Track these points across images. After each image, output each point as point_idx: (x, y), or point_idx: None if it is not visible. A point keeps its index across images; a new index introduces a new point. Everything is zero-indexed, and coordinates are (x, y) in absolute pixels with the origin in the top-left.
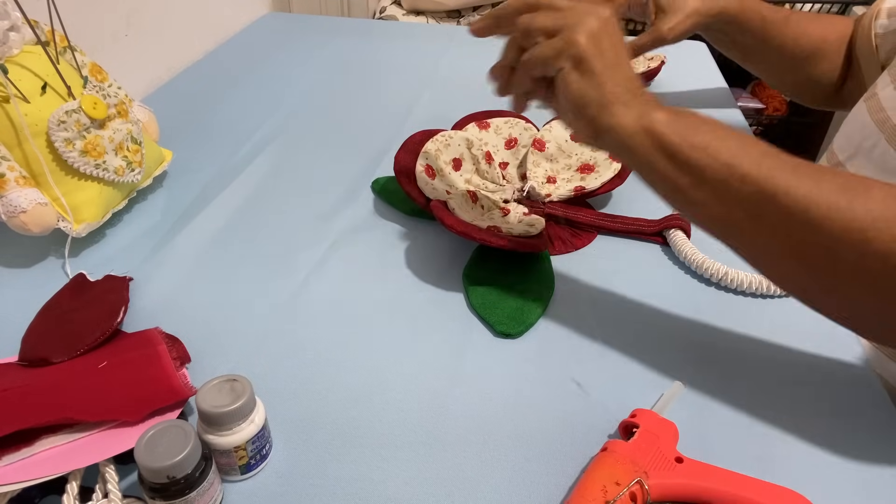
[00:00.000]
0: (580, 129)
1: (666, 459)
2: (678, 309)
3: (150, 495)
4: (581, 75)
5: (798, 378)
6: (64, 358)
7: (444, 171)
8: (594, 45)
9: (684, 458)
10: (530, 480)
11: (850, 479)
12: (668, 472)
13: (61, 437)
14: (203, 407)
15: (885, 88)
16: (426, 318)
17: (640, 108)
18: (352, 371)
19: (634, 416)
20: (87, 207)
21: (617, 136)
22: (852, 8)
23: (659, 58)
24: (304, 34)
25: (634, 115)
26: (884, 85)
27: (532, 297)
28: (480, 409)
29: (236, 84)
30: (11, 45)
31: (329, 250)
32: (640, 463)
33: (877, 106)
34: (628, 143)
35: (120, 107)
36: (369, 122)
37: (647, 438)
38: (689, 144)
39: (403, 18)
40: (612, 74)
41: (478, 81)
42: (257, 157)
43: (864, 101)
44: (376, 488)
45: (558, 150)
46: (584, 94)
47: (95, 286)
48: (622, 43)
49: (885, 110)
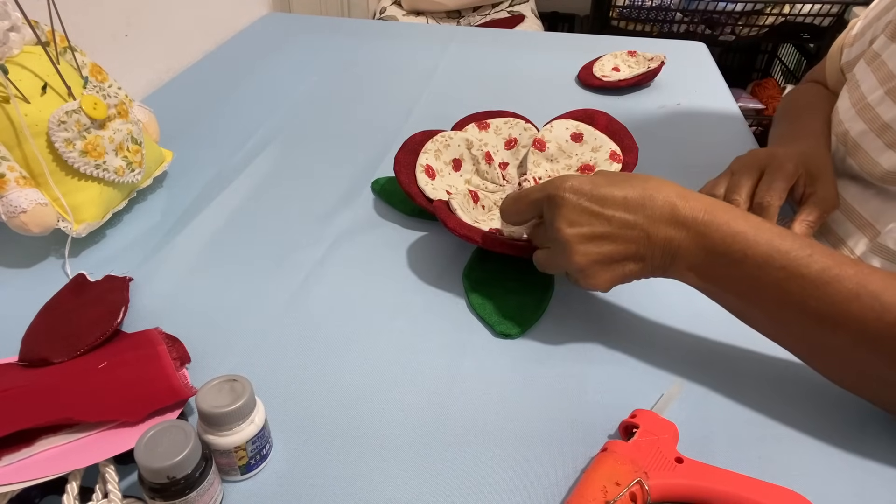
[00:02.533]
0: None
1: (666, 460)
2: (678, 309)
3: (150, 495)
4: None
5: (798, 378)
6: (64, 358)
7: (444, 171)
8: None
9: (684, 459)
10: (530, 480)
11: (850, 480)
12: (668, 473)
13: (61, 437)
14: (203, 407)
15: (842, 100)
16: (426, 319)
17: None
18: (352, 371)
19: (634, 417)
20: (88, 208)
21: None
22: (852, 8)
23: (659, 58)
24: (304, 34)
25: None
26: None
27: (532, 298)
28: (480, 409)
29: (236, 84)
30: (12, 46)
31: (329, 250)
32: (640, 463)
33: (835, 119)
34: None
35: (120, 107)
36: (369, 122)
37: (647, 439)
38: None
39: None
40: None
41: (478, 81)
42: (257, 157)
43: (847, 91)
44: (376, 488)
45: (559, 151)
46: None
47: (95, 286)
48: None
49: (842, 123)
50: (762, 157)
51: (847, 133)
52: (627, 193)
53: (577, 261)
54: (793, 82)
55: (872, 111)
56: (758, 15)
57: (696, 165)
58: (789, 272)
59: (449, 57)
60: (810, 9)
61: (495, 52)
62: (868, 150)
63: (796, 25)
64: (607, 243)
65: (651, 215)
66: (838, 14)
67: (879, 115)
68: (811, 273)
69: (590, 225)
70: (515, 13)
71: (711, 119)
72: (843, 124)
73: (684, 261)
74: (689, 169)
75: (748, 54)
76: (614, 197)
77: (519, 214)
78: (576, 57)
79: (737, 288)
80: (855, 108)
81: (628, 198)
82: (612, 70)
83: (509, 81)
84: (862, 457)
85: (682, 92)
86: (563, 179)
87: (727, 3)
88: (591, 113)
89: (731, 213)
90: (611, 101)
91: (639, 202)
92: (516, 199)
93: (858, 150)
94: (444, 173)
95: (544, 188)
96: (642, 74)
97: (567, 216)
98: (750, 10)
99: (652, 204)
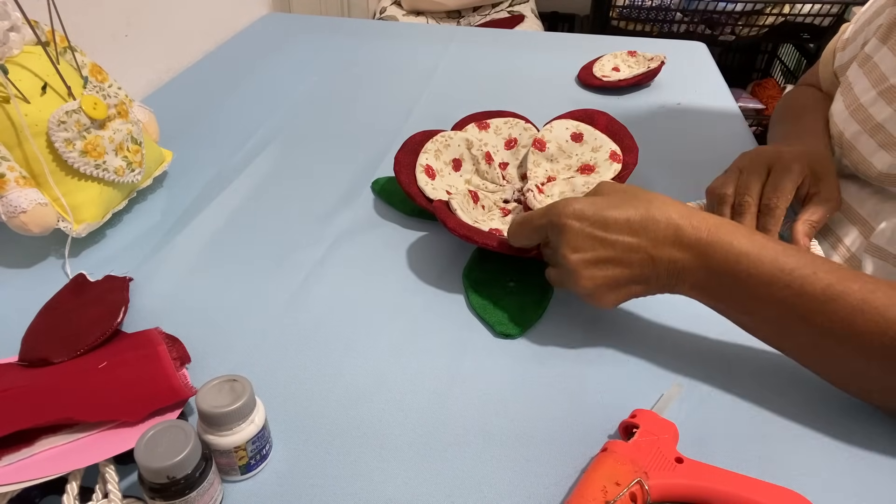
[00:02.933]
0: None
1: (666, 460)
2: (677, 309)
3: (150, 495)
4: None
5: (798, 378)
6: (64, 358)
7: (444, 171)
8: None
9: (684, 459)
10: (530, 480)
11: (850, 480)
12: (669, 473)
13: (61, 437)
14: (203, 407)
15: (836, 102)
16: (426, 319)
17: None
18: (352, 371)
19: (634, 417)
20: (87, 207)
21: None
22: (851, 8)
23: (659, 58)
24: (304, 34)
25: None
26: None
27: (532, 298)
28: (480, 410)
29: (236, 84)
30: (12, 46)
31: (329, 250)
32: (640, 463)
33: (830, 121)
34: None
35: (120, 107)
36: (369, 122)
37: (647, 439)
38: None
39: (403, 19)
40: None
41: (478, 81)
42: (257, 157)
43: (841, 93)
44: (376, 488)
45: (559, 151)
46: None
47: (95, 286)
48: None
49: (837, 125)
50: (769, 155)
51: (842, 134)
52: (630, 216)
53: (584, 285)
54: (793, 82)
55: (865, 112)
56: (758, 15)
57: (696, 165)
58: (794, 290)
59: (449, 57)
60: (810, 9)
61: (495, 52)
62: (862, 150)
63: (796, 25)
64: (612, 267)
65: (654, 237)
66: (838, 14)
67: (872, 115)
68: (816, 291)
69: (594, 250)
70: (515, 13)
71: (711, 119)
72: (838, 126)
73: (689, 281)
74: (689, 169)
75: (748, 54)
76: (617, 220)
77: (526, 238)
78: (576, 57)
79: (742, 306)
80: (848, 109)
81: (631, 220)
82: (612, 70)
83: (509, 81)
84: (862, 457)
85: (682, 92)
86: (565, 204)
87: (727, 3)
88: (591, 113)
89: (734, 233)
90: (611, 101)
91: (641, 224)
92: (521, 224)
93: (853, 151)
94: (444, 173)
95: (547, 214)
96: (642, 74)
97: (571, 242)
98: (750, 10)
99: (655, 226)
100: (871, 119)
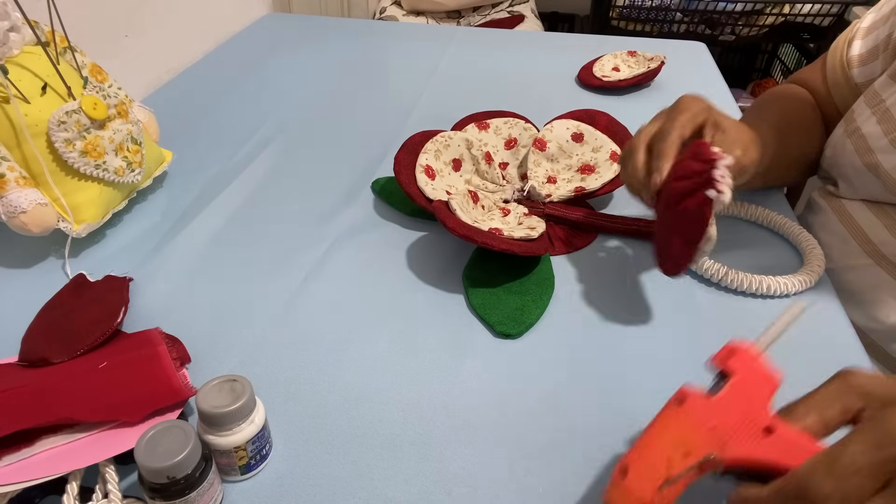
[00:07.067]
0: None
1: (754, 427)
2: (678, 309)
3: (150, 495)
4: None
5: (798, 379)
6: (64, 358)
7: (444, 171)
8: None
9: (776, 428)
10: (530, 480)
11: None
12: (753, 446)
13: (61, 437)
14: (203, 407)
15: (868, 123)
16: (426, 318)
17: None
18: (352, 371)
19: (733, 355)
20: (87, 208)
21: None
22: (851, 8)
23: (659, 58)
24: (304, 34)
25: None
26: (866, 117)
27: (532, 297)
28: (480, 409)
29: (236, 84)
30: (11, 46)
31: (329, 251)
32: (721, 430)
33: (864, 146)
34: None
35: (120, 107)
36: (369, 122)
37: (738, 396)
38: None
39: (403, 19)
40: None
41: (478, 81)
42: (257, 158)
43: (846, 134)
44: (376, 488)
45: (559, 151)
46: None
47: (95, 286)
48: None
49: (874, 152)
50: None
51: (879, 165)
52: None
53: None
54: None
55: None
56: (758, 15)
57: None
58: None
59: (449, 57)
60: (810, 9)
61: (495, 52)
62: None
63: (796, 25)
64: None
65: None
66: (838, 14)
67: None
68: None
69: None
70: (515, 13)
71: None
72: (875, 155)
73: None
74: None
75: (748, 54)
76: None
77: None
78: (576, 57)
79: None
80: (888, 136)
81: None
82: (612, 70)
83: (509, 81)
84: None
85: (682, 92)
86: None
87: (727, 3)
88: (591, 113)
89: None
90: (611, 101)
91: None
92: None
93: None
94: (443, 173)
95: (881, 446)
96: (642, 74)
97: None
98: (750, 10)
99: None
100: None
